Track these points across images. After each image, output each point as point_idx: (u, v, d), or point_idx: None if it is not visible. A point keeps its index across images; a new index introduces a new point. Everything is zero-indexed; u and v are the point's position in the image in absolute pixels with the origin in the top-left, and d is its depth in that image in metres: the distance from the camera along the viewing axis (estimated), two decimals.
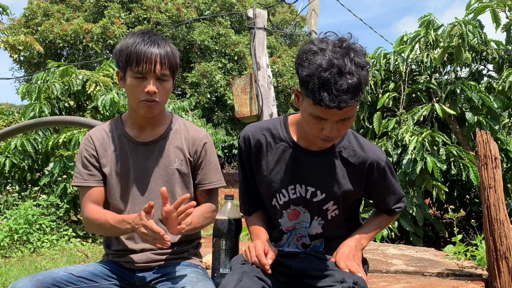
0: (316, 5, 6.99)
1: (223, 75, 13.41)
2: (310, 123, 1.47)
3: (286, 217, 1.68)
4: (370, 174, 1.63)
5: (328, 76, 1.35)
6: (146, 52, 1.63)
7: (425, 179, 4.29)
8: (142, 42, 1.65)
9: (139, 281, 1.74)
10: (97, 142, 1.78)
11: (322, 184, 1.62)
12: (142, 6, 13.70)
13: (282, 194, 1.66)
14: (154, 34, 1.71)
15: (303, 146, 1.63)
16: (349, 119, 1.46)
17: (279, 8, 15.68)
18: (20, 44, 11.16)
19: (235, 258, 1.68)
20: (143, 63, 1.63)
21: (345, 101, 1.35)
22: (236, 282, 1.44)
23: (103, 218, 1.68)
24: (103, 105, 6.16)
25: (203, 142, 1.81)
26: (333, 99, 1.35)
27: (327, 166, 1.62)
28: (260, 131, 1.69)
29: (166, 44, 1.69)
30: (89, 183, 1.75)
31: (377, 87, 4.86)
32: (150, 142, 1.78)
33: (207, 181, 1.81)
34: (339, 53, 1.38)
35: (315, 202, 1.64)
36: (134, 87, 1.66)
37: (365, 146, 1.64)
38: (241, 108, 5.67)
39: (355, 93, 1.37)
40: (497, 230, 1.94)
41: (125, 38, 1.71)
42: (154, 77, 1.65)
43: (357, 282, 1.47)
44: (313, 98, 1.38)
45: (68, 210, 6.12)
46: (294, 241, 1.71)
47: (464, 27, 4.36)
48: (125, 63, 1.66)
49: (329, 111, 1.39)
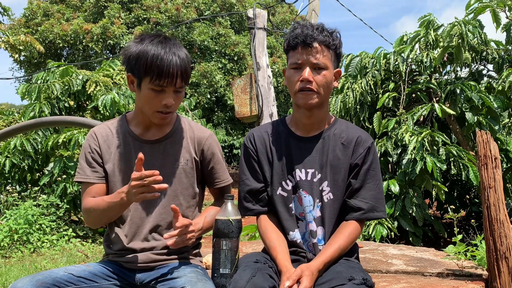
0: (316, 5, 6.99)
1: (223, 75, 13.41)
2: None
3: (297, 201, 1.76)
4: (356, 150, 1.74)
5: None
6: (168, 66, 1.61)
7: (425, 179, 4.29)
8: (163, 53, 1.62)
9: (139, 281, 1.74)
10: (101, 138, 1.78)
11: (319, 165, 1.74)
12: (142, 6, 13.69)
13: (289, 179, 1.76)
14: (172, 42, 1.68)
15: (299, 134, 1.78)
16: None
17: (279, 8, 15.68)
18: (20, 44, 11.17)
19: (247, 256, 1.71)
20: (165, 78, 1.61)
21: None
22: (249, 277, 1.48)
23: (99, 200, 1.70)
24: (103, 105, 6.16)
25: (209, 142, 1.83)
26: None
27: (321, 149, 1.76)
28: (263, 129, 1.85)
29: (183, 53, 1.67)
30: (91, 179, 1.75)
31: (377, 87, 4.86)
32: (155, 140, 1.78)
33: (219, 179, 1.87)
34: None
35: (315, 183, 1.74)
36: (151, 99, 1.66)
37: (355, 127, 1.82)
38: (241, 108, 5.66)
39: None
40: (497, 230, 1.94)
41: (140, 42, 1.66)
42: (172, 90, 1.66)
43: (366, 279, 1.53)
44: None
45: (68, 210, 6.12)
46: (305, 228, 1.75)
47: (464, 27, 4.36)
48: (143, 72, 1.63)
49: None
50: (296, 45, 1.66)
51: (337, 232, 1.71)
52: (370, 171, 1.73)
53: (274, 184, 1.77)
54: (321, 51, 1.66)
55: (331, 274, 1.59)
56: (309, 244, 1.74)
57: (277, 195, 1.77)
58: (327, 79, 1.68)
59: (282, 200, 1.77)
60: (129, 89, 1.86)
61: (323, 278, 1.59)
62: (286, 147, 1.78)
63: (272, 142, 1.80)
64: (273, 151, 1.79)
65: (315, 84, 1.67)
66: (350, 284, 1.49)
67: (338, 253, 1.65)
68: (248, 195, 1.80)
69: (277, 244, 1.69)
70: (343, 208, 1.75)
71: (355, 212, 1.72)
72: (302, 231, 1.75)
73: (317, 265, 1.59)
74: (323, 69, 1.67)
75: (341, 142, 1.75)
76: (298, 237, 1.75)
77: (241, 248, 1.80)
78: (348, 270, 1.58)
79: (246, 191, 1.80)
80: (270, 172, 1.78)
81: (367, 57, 5.04)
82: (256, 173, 1.80)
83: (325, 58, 1.67)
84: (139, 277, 1.74)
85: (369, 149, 1.74)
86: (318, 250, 1.71)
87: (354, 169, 1.73)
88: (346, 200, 1.74)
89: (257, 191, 1.79)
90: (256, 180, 1.79)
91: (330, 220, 1.73)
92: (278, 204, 1.77)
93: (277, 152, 1.78)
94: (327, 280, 1.56)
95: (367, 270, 2.20)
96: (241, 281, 1.48)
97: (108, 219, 1.75)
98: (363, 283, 1.51)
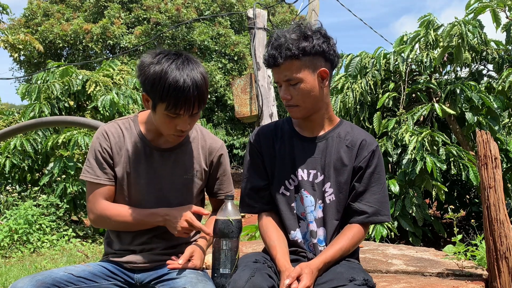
0: (316, 5, 6.98)
1: (223, 75, 13.41)
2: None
3: (299, 200, 1.76)
4: (360, 153, 1.73)
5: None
6: (186, 96, 1.54)
7: (425, 179, 4.29)
8: (182, 81, 1.53)
9: (138, 281, 1.73)
10: (112, 139, 1.73)
11: (321, 166, 1.74)
12: (142, 6, 13.70)
13: (291, 179, 1.76)
14: (191, 66, 1.58)
15: (303, 134, 1.78)
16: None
17: (279, 8, 15.68)
18: (20, 43, 11.16)
19: (246, 256, 1.71)
20: (181, 107, 1.55)
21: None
22: (248, 277, 1.48)
23: (122, 211, 1.68)
24: (103, 105, 6.16)
25: (220, 153, 1.83)
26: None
27: (325, 150, 1.75)
28: (269, 127, 1.86)
29: (200, 76, 1.58)
30: (101, 181, 1.71)
31: (377, 87, 4.86)
32: (166, 149, 1.75)
33: (222, 190, 1.86)
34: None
35: (317, 183, 1.74)
36: (166, 123, 1.62)
37: (359, 130, 1.80)
38: (241, 108, 5.66)
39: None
40: (497, 230, 1.94)
41: (157, 63, 1.56)
42: (188, 115, 1.61)
43: (368, 280, 1.53)
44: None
45: (68, 210, 6.12)
46: (306, 228, 1.75)
47: (464, 27, 4.36)
48: (159, 98, 1.56)
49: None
50: (268, 66, 1.68)
51: (340, 234, 1.71)
52: (374, 175, 1.73)
53: (277, 183, 1.77)
54: (289, 66, 1.62)
55: (331, 274, 1.59)
56: (310, 244, 1.74)
57: (279, 194, 1.77)
58: (304, 90, 1.64)
59: (284, 199, 1.77)
60: (144, 106, 1.79)
61: (324, 278, 1.58)
62: (290, 147, 1.78)
63: (277, 141, 1.80)
64: (278, 150, 1.79)
65: (294, 99, 1.66)
66: (351, 285, 1.49)
67: (340, 254, 1.65)
68: (251, 192, 1.80)
69: (277, 243, 1.69)
70: (346, 210, 1.74)
71: (359, 216, 1.71)
72: (303, 231, 1.75)
73: (317, 264, 1.58)
74: (298, 82, 1.64)
75: (345, 144, 1.75)
76: (299, 237, 1.75)
77: (241, 248, 1.80)
78: (349, 270, 1.58)
79: (249, 188, 1.80)
80: (274, 171, 1.78)
81: (367, 57, 5.03)
82: (260, 170, 1.80)
83: (295, 71, 1.62)
84: (138, 277, 1.73)
85: (373, 152, 1.73)
86: (318, 250, 1.71)
87: (358, 172, 1.73)
88: (350, 204, 1.73)
89: (260, 188, 1.79)
90: (260, 177, 1.79)
91: (332, 221, 1.73)
92: (280, 203, 1.77)
93: (281, 151, 1.78)
94: (327, 280, 1.56)
95: (367, 270, 2.20)
96: (240, 281, 1.47)
97: (127, 229, 1.74)
98: (364, 283, 1.51)
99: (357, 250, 1.82)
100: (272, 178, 1.79)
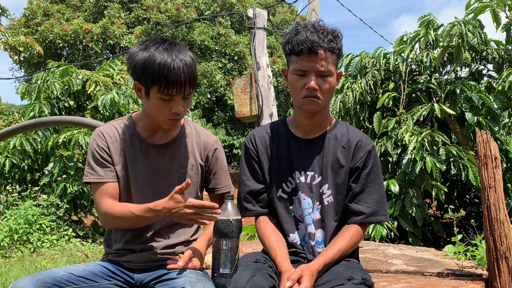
0: (316, 5, 6.98)
1: (223, 75, 13.41)
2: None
3: (297, 203, 1.75)
4: (356, 153, 1.73)
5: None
6: (176, 75, 1.58)
7: (425, 179, 4.29)
8: (170, 61, 1.58)
9: (138, 281, 1.74)
10: (109, 139, 1.76)
11: (319, 168, 1.74)
12: (142, 6, 13.69)
13: (289, 182, 1.76)
14: (177, 48, 1.64)
15: (299, 136, 1.78)
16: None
17: (279, 8, 15.68)
18: (20, 45, 11.16)
19: (247, 256, 1.71)
20: (173, 87, 1.59)
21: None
22: (249, 277, 1.48)
23: (125, 210, 1.67)
24: (103, 105, 6.16)
25: (214, 148, 1.84)
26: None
27: (322, 151, 1.75)
28: (264, 130, 1.84)
29: (189, 58, 1.63)
30: (104, 179, 1.72)
31: (377, 87, 4.86)
32: (162, 145, 1.78)
33: (220, 185, 1.86)
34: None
35: (315, 185, 1.74)
36: (160, 107, 1.65)
37: (355, 130, 1.80)
38: (241, 108, 5.66)
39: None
40: (497, 230, 1.94)
41: (145, 49, 1.62)
42: (181, 97, 1.65)
43: (366, 279, 1.53)
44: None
45: (68, 210, 6.12)
46: (304, 230, 1.75)
47: (464, 27, 4.36)
48: (151, 82, 1.61)
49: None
50: (301, 51, 1.61)
51: (339, 235, 1.71)
52: (371, 175, 1.73)
53: (275, 185, 1.77)
54: (326, 58, 1.62)
55: (330, 274, 1.59)
56: (308, 246, 1.74)
57: (277, 196, 1.77)
58: (331, 85, 1.66)
59: (282, 202, 1.77)
60: (137, 96, 1.82)
61: (323, 278, 1.59)
62: (286, 149, 1.77)
63: (273, 143, 1.79)
64: (274, 152, 1.78)
65: (320, 91, 1.65)
66: (349, 284, 1.50)
67: (339, 255, 1.65)
68: (248, 195, 1.80)
69: (276, 244, 1.69)
70: (344, 211, 1.75)
71: (357, 216, 1.72)
72: (301, 233, 1.76)
73: (317, 265, 1.59)
74: (329, 75, 1.64)
75: (341, 145, 1.75)
76: (297, 239, 1.75)
77: (241, 248, 1.80)
78: (348, 270, 1.59)
79: (246, 192, 1.80)
80: (271, 174, 1.78)
81: (367, 57, 5.03)
82: (257, 174, 1.80)
83: (330, 65, 1.63)
84: (138, 277, 1.74)
85: (369, 153, 1.73)
86: (317, 252, 1.71)
87: (355, 173, 1.73)
88: (348, 204, 1.73)
89: (257, 192, 1.79)
90: (257, 181, 1.80)
91: (331, 222, 1.73)
92: (278, 206, 1.77)
93: (277, 154, 1.78)
94: (326, 280, 1.57)
95: (367, 270, 2.20)
96: (241, 281, 1.48)
97: (132, 227, 1.73)
98: (362, 282, 1.51)
99: (357, 250, 1.82)
100: (269, 181, 1.79)
